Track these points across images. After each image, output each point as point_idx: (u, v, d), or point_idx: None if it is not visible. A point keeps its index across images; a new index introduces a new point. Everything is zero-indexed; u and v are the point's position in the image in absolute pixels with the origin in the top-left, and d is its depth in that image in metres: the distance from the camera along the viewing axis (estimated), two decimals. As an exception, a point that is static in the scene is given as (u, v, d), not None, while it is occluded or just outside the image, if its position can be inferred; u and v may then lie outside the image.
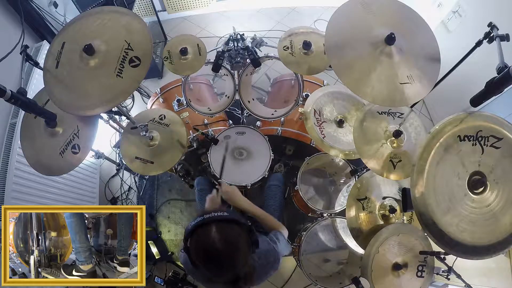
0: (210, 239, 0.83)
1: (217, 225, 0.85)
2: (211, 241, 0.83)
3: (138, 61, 1.10)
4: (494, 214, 0.94)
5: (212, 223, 0.85)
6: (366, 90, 1.11)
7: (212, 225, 0.85)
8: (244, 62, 1.67)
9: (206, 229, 0.85)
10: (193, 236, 0.87)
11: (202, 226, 0.86)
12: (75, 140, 1.24)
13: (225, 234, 0.85)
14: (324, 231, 2.16)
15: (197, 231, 0.86)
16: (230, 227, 0.88)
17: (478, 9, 2.07)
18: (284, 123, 2.07)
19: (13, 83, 1.68)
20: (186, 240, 0.88)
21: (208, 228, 0.85)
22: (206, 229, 0.85)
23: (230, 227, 0.87)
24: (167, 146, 1.53)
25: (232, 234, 0.86)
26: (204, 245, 0.84)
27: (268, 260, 1.06)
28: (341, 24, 1.19)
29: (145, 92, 2.68)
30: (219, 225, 0.86)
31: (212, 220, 0.86)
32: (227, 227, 0.87)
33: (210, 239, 0.83)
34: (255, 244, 0.91)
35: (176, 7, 3.25)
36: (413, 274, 1.36)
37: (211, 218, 0.86)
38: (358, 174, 1.85)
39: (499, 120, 0.99)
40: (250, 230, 0.90)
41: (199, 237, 0.86)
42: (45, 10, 2.17)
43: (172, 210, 2.43)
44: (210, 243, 0.83)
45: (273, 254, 1.08)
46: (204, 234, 0.85)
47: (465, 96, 1.08)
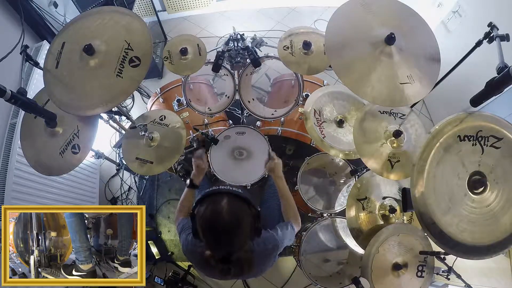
0: (219, 207, 0.85)
1: (229, 197, 0.88)
2: (219, 209, 0.85)
3: (138, 61, 1.10)
4: (494, 214, 0.94)
5: (226, 194, 0.89)
6: (366, 90, 1.11)
7: (225, 196, 0.88)
8: (244, 62, 1.67)
9: (218, 197, 0.88)
10: (204, 201, 0.89)
11: (216, 194, 0.89)
12: (75, 140, 1.24)
13: (233, 208, 0.87)
14: (324, 231, 2.15)
15: (210, 197, 0.89)
16: (241, 203, 0.90)
17: (478, 9, 2.06)
18: (284, 123, 2.07)
19: (13, 83, 1.69)
20: (196, 206, 0.90)
21: (221, 197, 0.88)
22: (218, 197, 0.88)
23: (240, 203, 0.90)
24: (167, 146, 1.53)
25: (240, 210, 0.89)
26: (211, 212, 0.87)
27: (266, 246, 1.06)
28: (341, 24, 1.19)
29: (145, 92, 2.68)
30: (231, 198, 0.89)
31: (227, 191, 0.89)
32: (237, 202, 0.89)
33: (219, 207, 0.85)
34: (258, 231, 0.93)
35: (176, 7, 3.25)
36: (413, 274, 1.36)
37: (226, 190, 0.90)
38: (358, 174, 1.85)
39: (499, 120, 0.99)
40: (257, 216, 0.92)
41: (209, 203, 0.88)
42: (45, 10, 2.17)
43: (172, 210, 2.43)
44: (218, 211, 0.85)
45: (271, 241, 1.08)
46: (215, 201, 0.88)
47: (465, 96, 1.08)
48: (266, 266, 1.09)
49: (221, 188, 0.91)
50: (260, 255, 1.03)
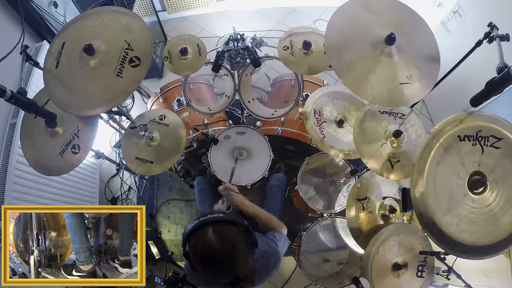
0: (207, 241, 0.82)
1: (213, 227, 0.85)
2: (208, 243, 0.82)
3: (138, 61, 1.10)
4: (494, 214, 0.94)
5: (208, 225, 0.85)
6: (366, 90, 1.11)
7: (209, 227, 0.85)
8: (244, 62, 1.67)
9: (202, 231, 0.84)
10: (191, 240, 0.86)
11: (198, 229, 0.85)
12: (75, 140, 1.24)
13: (222, 235, 0.84)
14: (324, 231, 2.15)
15: (194, 234, 0.86)
16: (227, 228, 0.87)
17: (478, 9, 2.06)
18: (284, 123, 2.07)
19: (13, 83, 1.68)
20: (185, 245, 0.87)
21: (205, 230, 0.84)
22: (202, 231, 0.84)
23: (226, 228, 0.87)
24: (167, 146, 1.53)
25: (229, 235, 0.86)
26: (201, 247, 0.84)
27: (269, 260, 1.06)
28: (341, 24, 1.18)
29: (145, 92, 2.68)
30: (216, 226, 0.85)
31: (208, 222, 0.85)
32: (223, 228, 0.86)
33: (207, 241, 0.82)
34: (254, 244, 0.91)
35: (176, 7, 3.25)
36: (413, 274, 1.36)
37: (206, 221, 0.86)
38: (358, 174, 1.85)
39: (499, 120, 0.99)
40: (247, 231, 0.90)
41: (196, 240, 0.85)
42: (45, 10, 2.17)
43: (172, 210, 2.43)
44: (208, 245, 0.82)
45: (274, 255, 1.08)
46: (201, 236, 0.84)
47: (465, 96, 1.08)
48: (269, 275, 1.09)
49: (200, 220, 0.86)
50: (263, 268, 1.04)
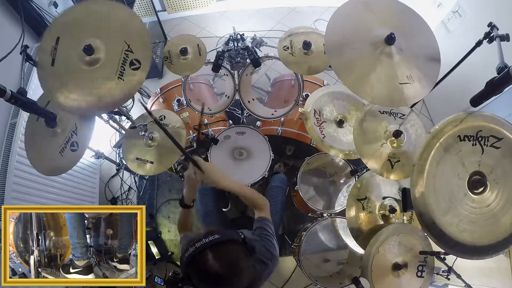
0: (211, 266, 0.81)
1: (212, 250, 0.83)
2: (212, 268, 0.81)
3: (139, 64, 1.10)
4: (494, 214, 0.94)
5: (207, 249, 0.83)
6: (366, 90, 1.11)
7: (207, 252, 0.83)
8: (244, 62, 1.67)
9: (202, 257, 0.82)
10: (192, 267, 0.85)
11: (197, 255, 0.83)
12: (73, 138, 1.24)
13: (223, 258, 0.83)
14: (324, 231, 2.15)
15: (194, 261, 0.84)
16: (226, 248, 0.85)
17: (478, 9, 2.06)
18: (284, 123, 2.07)
19: (13, 83, 1.68)
20: (186, 272, 0.86)
21: (204, 256, 0.82)
22: (202, 257, 0.82)
23: (225, 249, 0.85)
24: (167, 146, 1.53)
25: (230, 255, 0.85)
26: (206, 273, 0.82)
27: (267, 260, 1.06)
28: (341, 24, 1.18)
29: (145, 92, 2.68)
30: (214, 250, 0.83)
31: (205, 247, 0.83)
32: (222, 249, 0.84)
33: (211, 266, 0.81)
34: (253, 251, 0.91)
35: (176, 7, 3.25)
36: (413, 274, 1.36)
37: (203, 246, 0.83)
38: (358, 174, 1.85)
39: (499, 120, 0.99)
40: (244, 242, 0.89)
41: (199, 267, 0.84)
42: (45, 10, 2.17)
43: (172, 210, 2.43)
44: (212, 270, 0.81)
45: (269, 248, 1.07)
46: (202, 263, 0.82)
47: (465, 96, 1.08)
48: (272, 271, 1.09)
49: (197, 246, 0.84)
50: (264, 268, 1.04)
